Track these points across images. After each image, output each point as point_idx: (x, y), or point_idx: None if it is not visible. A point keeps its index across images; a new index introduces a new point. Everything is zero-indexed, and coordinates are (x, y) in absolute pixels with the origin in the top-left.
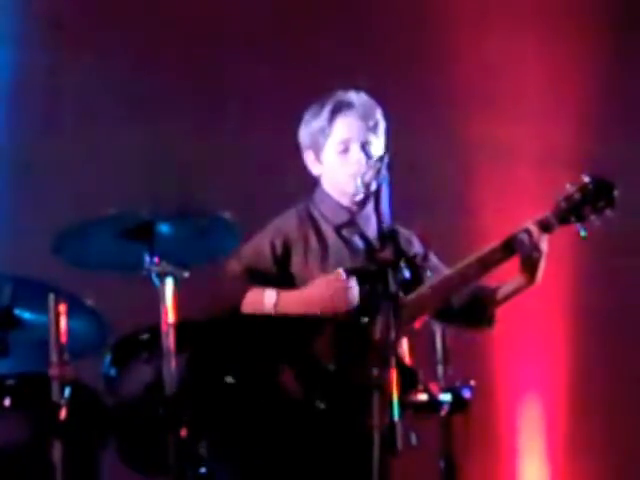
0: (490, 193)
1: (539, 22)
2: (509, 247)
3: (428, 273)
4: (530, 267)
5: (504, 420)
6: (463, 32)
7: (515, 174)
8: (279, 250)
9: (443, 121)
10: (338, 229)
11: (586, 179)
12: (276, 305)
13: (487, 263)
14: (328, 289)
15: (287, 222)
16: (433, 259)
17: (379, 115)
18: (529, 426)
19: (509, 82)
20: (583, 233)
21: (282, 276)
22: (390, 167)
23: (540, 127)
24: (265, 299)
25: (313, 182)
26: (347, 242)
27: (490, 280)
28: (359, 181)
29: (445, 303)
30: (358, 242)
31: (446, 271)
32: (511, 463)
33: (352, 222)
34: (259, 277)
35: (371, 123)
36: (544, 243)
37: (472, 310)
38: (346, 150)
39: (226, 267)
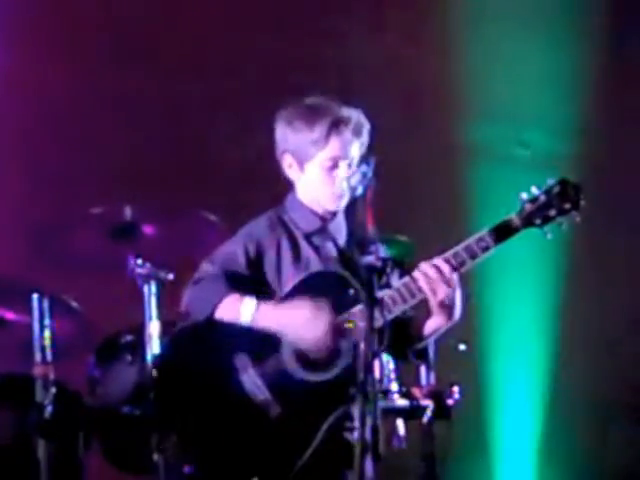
0: (477, 197)
1: (526, 28)
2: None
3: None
4: (443, 307)
5: (486, 425)
6: (452, 35)
7: (503, 177)
8: (252, 254)
9: (430, 125)
10: (308, 236)
11: (552, 181)
12: (253, 316)
13: (461, 261)
14: (306, 317)
15: (259, 228)
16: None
17: (367, 132)
18: (510, 431)
19: (495, 85)
20: (549, 235)
21: (255, 280)
22: (376, 171)
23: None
24: (242, 307)
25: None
26: (317, 249)
27: None
28: (345, 185)
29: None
30: (329, 249)
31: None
32: (493, 467)
33: (323, 229)
34: (233, 281)
35: (361, 140)
36: (453, 279)
37: (399, 344)
38: (334, 167)
39: (201, 271)
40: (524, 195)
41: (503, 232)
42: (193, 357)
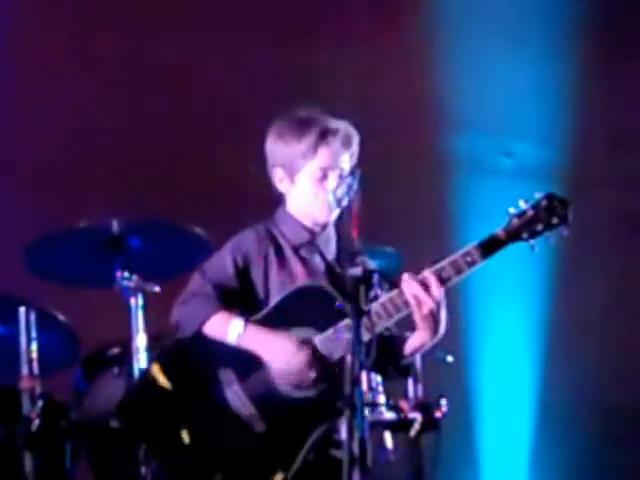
0: (463, 208)
1: (512, 40)
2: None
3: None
4: (428, 322)
5: (474, 437)
6: (438, 47)
7: (489, 189)
8: (240, 266)
9: (418, 135)
10: (296, 249)
11: (540, 195)
12: (239, 338)
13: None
14: (291, 352)
15: (247, 240)
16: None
17: (356, 143)
18: (497, 444)
19: (480, 97)
20: (536, 249)
21: (243, 293)
22: (362, 182)
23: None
24: (229, 328)
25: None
26: (304, 262)
27: None
28: (331, 196)
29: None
30: (317, 262)
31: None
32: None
33: (311, 242)
34: (225, 292)
35: (350, 152)
36: (439, 294)
37: (385, 362)
38: (324, 177)
39: (193, 284)
40: (512, 209)
41: (490, 247)
42: (179, 371)
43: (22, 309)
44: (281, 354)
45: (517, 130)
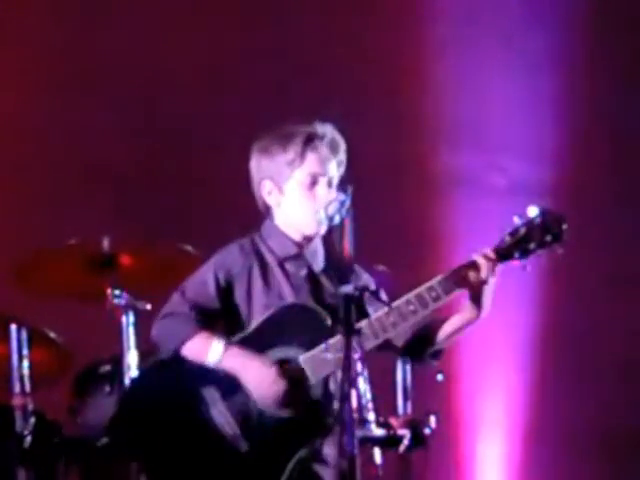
0: (454, 225)
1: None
2: (456, 280)
3: (371, 309)
4: (477, 301)
5: (463, 455)
6: (432, 65)
7: (480, 205)
8: (223, 284)
9: (410, 152)
10: (282, 262)
11: (534, 212)
12: (219, 359)
13: (435, 296)
14: (271, 378)
15: (230, 255)
16: (383, 295)
17: (343, 150)
18: (488, 459)
19: (470, 113)
20: (527, 268)
21: (226, 309)
22: (354, 200)
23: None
24: (210, 350)
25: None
26: (289, 276)
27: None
28: (322, 213)
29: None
30: (302, 276)
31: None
32: None
33: (298, 256)
34: (204, 312)
35: (338, 158)
36: (493, 275)
37: (416, 345)
38: (314, 184)
39: (172, 304)
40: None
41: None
42: (163, 390)
43: (13, 326)
44: (259, 379)
45: (510, 147)
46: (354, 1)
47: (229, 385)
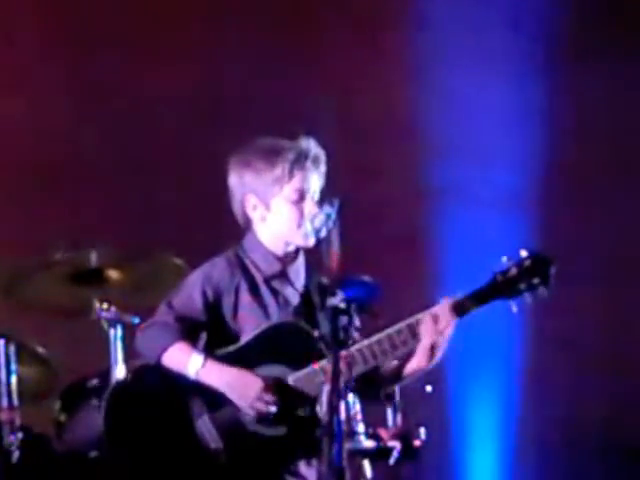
0: (442, 236)
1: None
2: (413, 332)
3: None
4: (431, 351)
5: (454, 466)
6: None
7: (468, 217)
8: (210, 299)
9: (407, 164)
10: (268, 280)
11: (524, 254)
12: (198, 373)
13: (394, 343)
14: (252, 392)
15: (218, 270)
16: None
17: (324, 162)
18: (479, 470)
19: (459, 124)
20: (514, 308)
21: (211, 323)
22: (340, 212)
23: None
24: (190, 362)
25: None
26: (276, 294)
27: None
28: (309, 226)
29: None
30: (288, 293)
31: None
32: None
33: (283, 273)
34: (189, 324)
35: (319, 171)
36: (449, 329)
37: (366, 387)
38: (301, 199)
39: (157, 314)
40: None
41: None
42: (149, 400)
43: (1, 341)
44: (243, 389)
45: (497, 158)
46: (338, 9)
47: (216, 398)
